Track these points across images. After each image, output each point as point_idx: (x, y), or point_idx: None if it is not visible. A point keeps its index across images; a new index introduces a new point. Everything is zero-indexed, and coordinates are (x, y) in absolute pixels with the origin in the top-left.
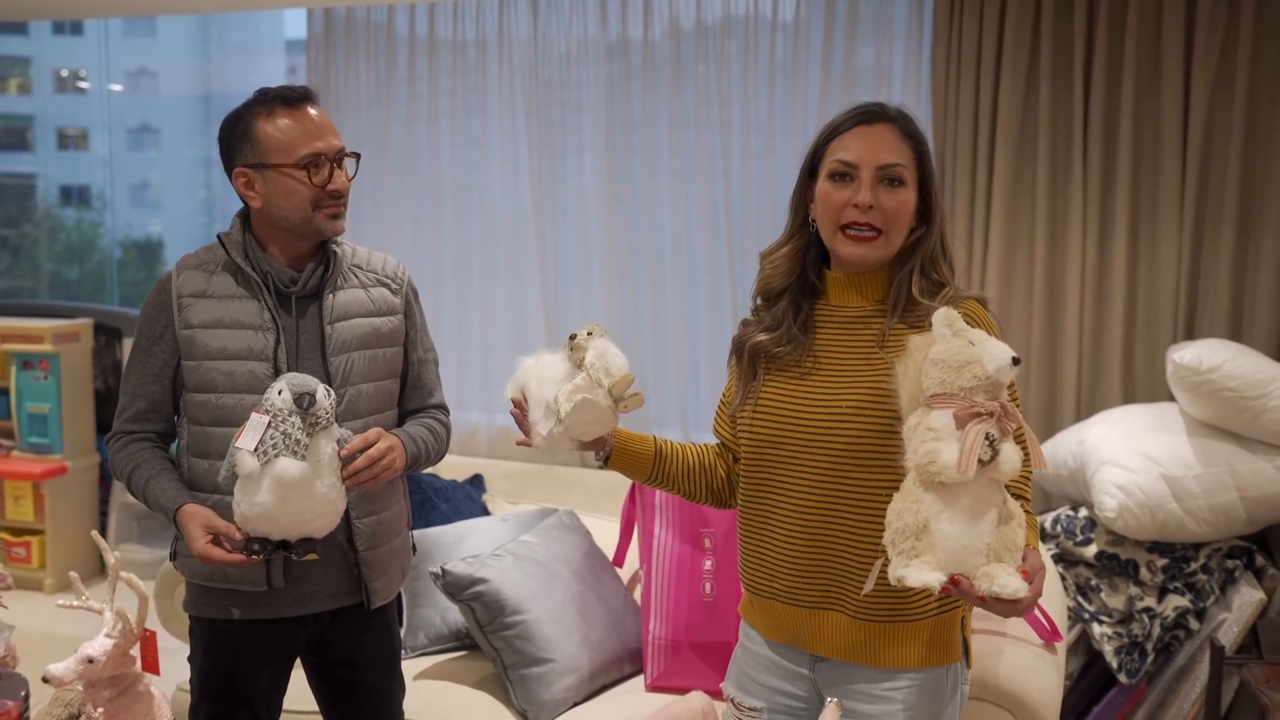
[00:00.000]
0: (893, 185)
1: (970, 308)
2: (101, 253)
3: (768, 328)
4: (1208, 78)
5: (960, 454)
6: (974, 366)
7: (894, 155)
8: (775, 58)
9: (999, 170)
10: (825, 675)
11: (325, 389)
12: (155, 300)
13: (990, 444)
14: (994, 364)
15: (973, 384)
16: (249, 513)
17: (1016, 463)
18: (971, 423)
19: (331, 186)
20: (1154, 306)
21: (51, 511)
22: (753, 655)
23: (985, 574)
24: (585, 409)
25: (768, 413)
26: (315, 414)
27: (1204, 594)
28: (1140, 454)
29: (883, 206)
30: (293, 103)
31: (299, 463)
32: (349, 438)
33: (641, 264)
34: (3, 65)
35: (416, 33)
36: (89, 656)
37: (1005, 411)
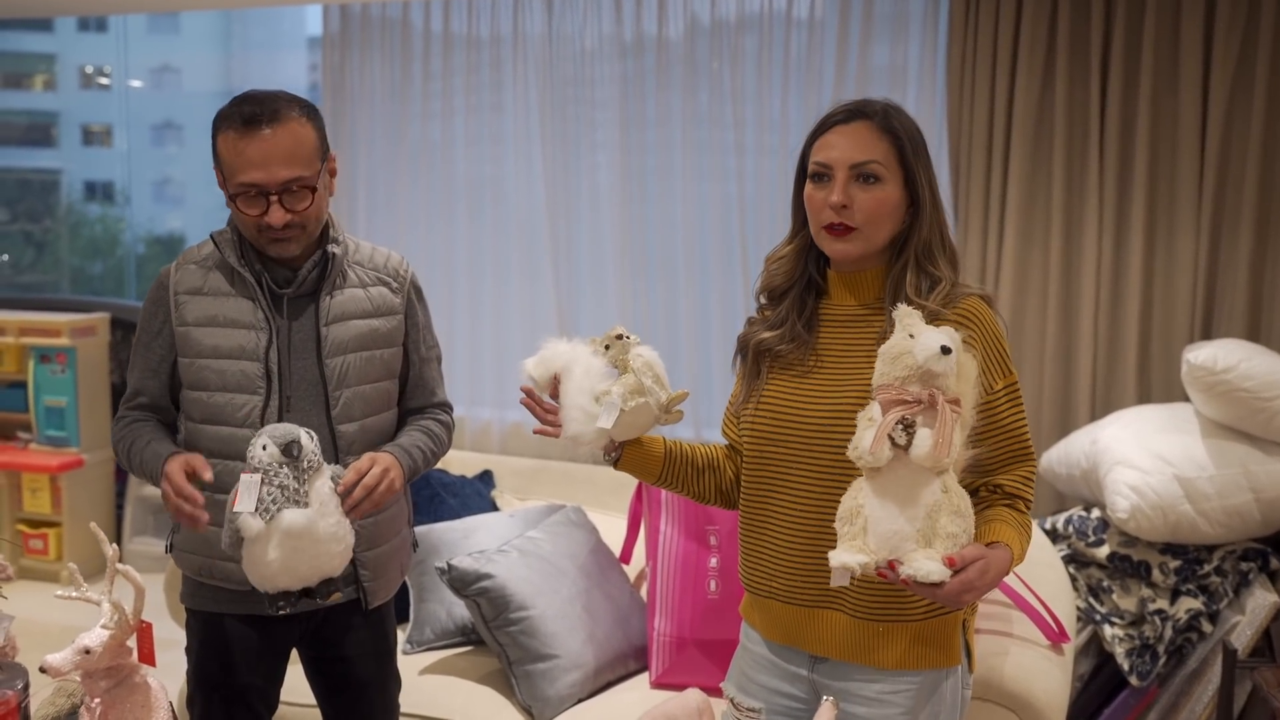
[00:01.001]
0: (867, 182)
1: (970, 306)
2: (124, 248)
3: (772, 325)
4: (1227, 77)
5: (873, 437)
6: (906, 357)
7: (867, 153)
8: (791, 55)
9: (1014, 168)
10: (824, 676)
11: (306, 433)
12: (155, 295)
13: (905, 429)
14: (924, 353)
15: (905, 373)
16: (267, 573)
17: (930, 449)
18: (892, 409)
19: (266, 220)
20: (1170, 306)
21: (68, 504)
22: (752, 656)
23: (907, 558)
24: (641, 412)
25: (769, 411)
26: (304, 460)
27: (1217, 596)
28: (1154, 455)
29: (857, 205)
30: (249, 124)
31: (303, 510)
32: (340, 473)
33: (655, 261)
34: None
35: (432, 29)
36: (86, 647)
37: (933, 400)
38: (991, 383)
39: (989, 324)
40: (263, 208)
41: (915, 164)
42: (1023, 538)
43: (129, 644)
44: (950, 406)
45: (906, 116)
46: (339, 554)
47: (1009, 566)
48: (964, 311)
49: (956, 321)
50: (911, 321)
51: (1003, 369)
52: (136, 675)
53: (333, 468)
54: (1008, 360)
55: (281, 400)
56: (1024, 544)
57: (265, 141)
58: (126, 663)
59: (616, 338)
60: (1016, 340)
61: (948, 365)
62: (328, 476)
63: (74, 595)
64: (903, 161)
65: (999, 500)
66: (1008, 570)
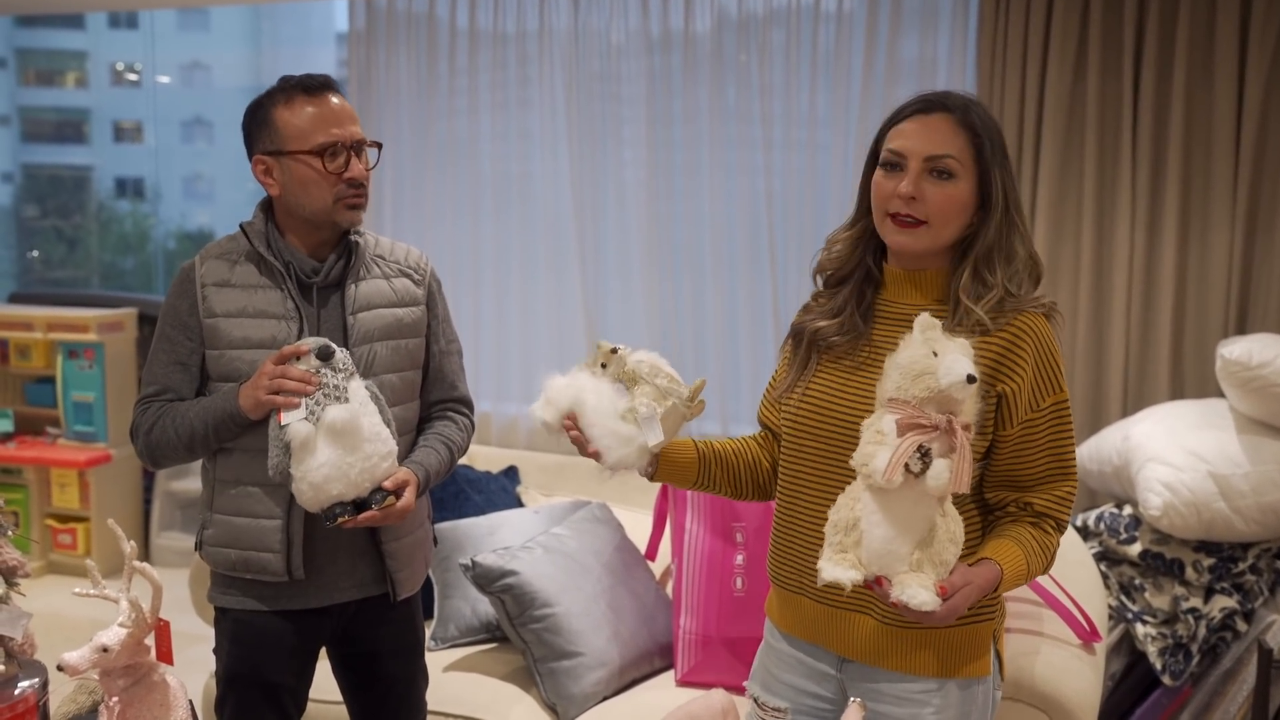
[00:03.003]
0: (940, 177)
1: (1024, 323)
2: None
3: (829, 314)
4: (1262, 69)
5: (890, 461)
6: (928, 378)
7: (944, 147)
8: (819, 49)
9: (1045, 162)
10: (852, 676)
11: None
12: (179, 289)
13: (922, 457)
14: (948, 378)
15: (925, 395)
16: (317, 479)
17: (946, 480)
18: (910, 433)
19: (348, 174)
20: (1204, 300)
21: (96, 499)
22: (777, 654)
23: (900, 581)
24: (671, 416)
25: (814, 402)
26: (338, 363)
27: (1252, 595)
28: (1187, 451)
29: (927, 198)
30: (312, 90)
31: (346, 405)
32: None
33: (682, 257)
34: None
35: (458, 25)
36: (103, 645)
37: (951, 428)
38: (1039, 399)
39: (1043, 339)
40: (342, 164)
41: (992, 163)
42: (1032, 559)
43: (147, 642)
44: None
45: (988, 114)
46: (386, 455)
47: (994, 585)
48: (1017, 328)
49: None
50: (934, 336)
51: (1052, 386)
52: (155, 674)
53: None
54: (1059, 377)
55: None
56: (1033, 565)
57: (335, 104)
58: (145, 661)
59: (611, 352)
60: None
61: (969, 394)
62: (361, 385)
63: (92, 593)
64: (979, 160)
65: (1025, 518)
66: (993, 588)
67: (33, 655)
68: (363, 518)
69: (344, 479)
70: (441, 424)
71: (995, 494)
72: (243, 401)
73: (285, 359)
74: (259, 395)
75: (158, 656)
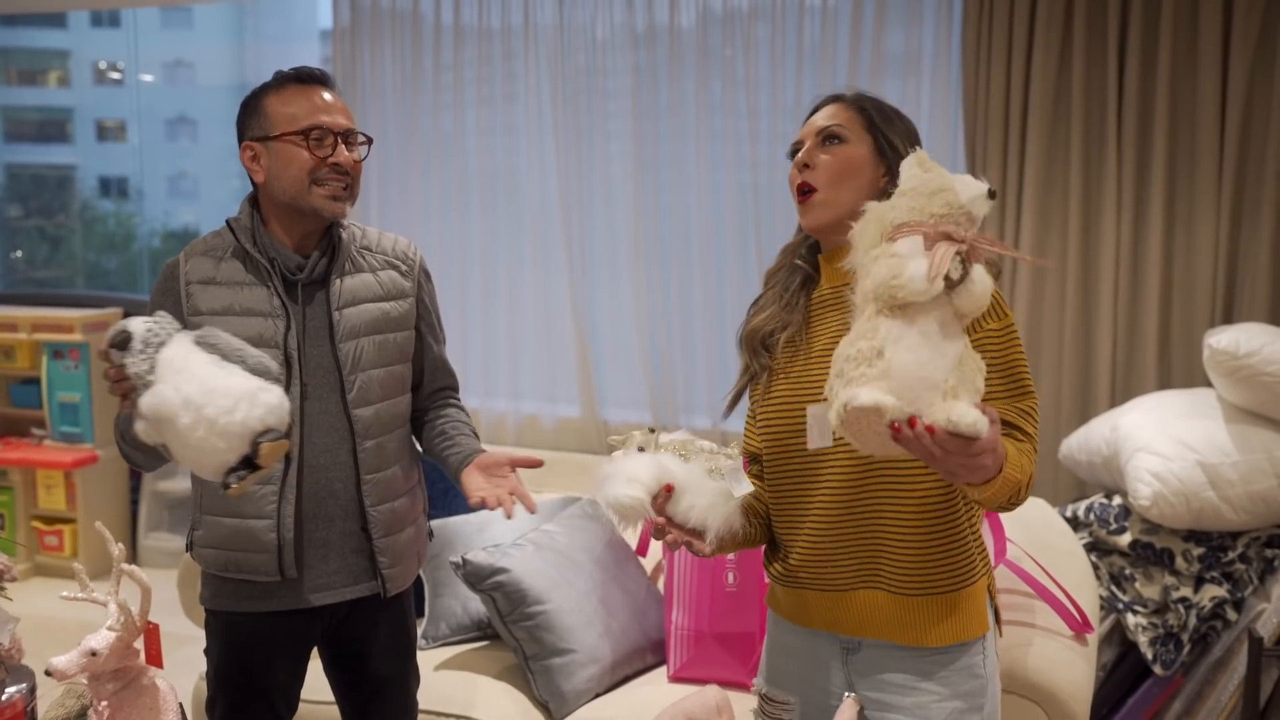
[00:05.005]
0: (830, 143)
1: None
2: (139, 243)
3: (761, 308)
4: (1246, 58)
5: (930, 265)
6: (947, 194)
7: (830, 120)
8: (804, 42)
9: (1031, 152)
10: (859, 669)
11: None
12: (163, 287)
13: (962, 261)
14: (968, 192)
15: (944, 210)
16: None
17: (989, 285)
18: (941, 242)
19: (333, 159)
20: (1190, 290)
21: (83, 500)
22: (783, 646)
23: (942, 407)
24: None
25: (779, 408)
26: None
27: (1242, 584)
28: (1176, 441)
29: (819, 165)
30: (305, 81)
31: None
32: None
33: (669, 251)
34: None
35: (443, 21)
36: (92, 649)
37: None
38: (983, 323)
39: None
40: (331, 148)
41: (886, 130)
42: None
43: (136, 645)
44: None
45: (885, 102)
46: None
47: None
48: None
49: None
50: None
51: (995, 313)
52: (144, 677)
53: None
54: (1001, 304)
55: (300, 387)
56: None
57: (326, 96)
58: (134, 664)
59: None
60: (1035, 326)
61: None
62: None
63: (80, 597)
64: (870, 128)
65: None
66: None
67: (20, 660)
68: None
69: (206, 451)
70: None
71: None
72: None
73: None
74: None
75: (147, 660)
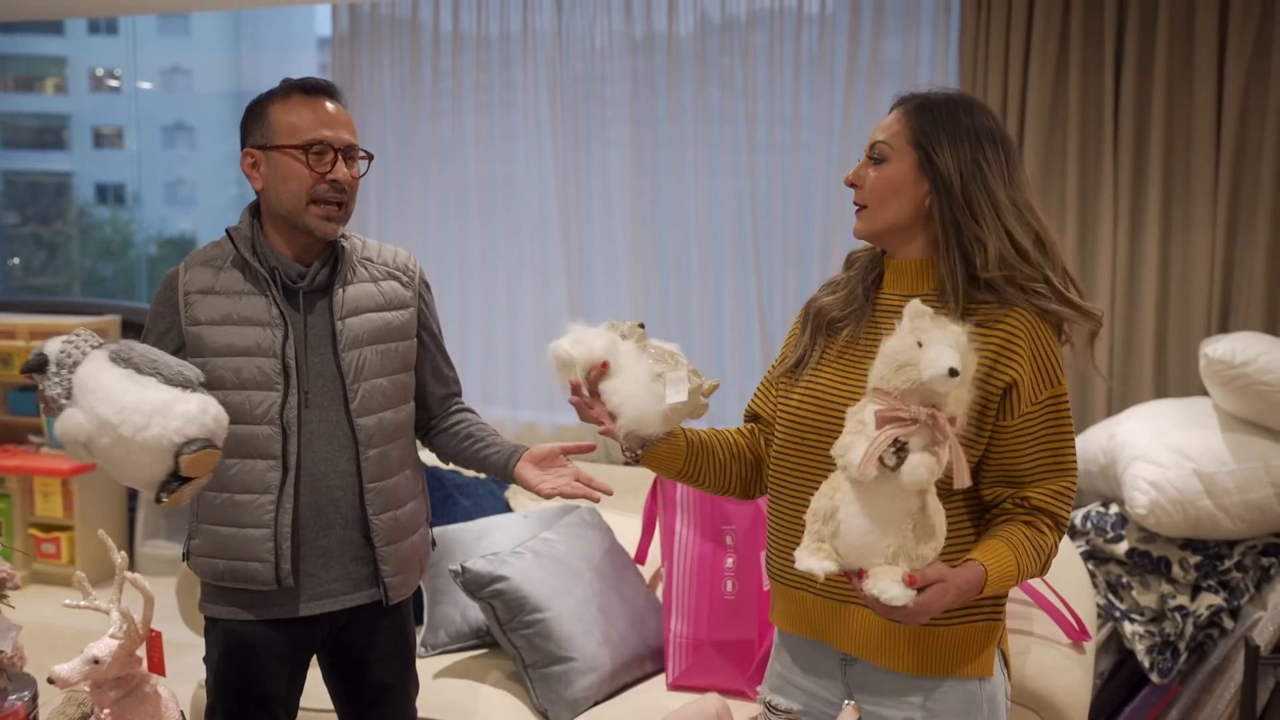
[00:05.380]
0: (874, 162)
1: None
2: (135, 250)
3: (832, 289)
4: (1242, 67)
5: (863, 454)
6: (910, 370)
7: (881, 134)
8: (802, 50)
9: (1028, 161)
10: (857, 681)
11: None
12: (162, 296)
13: (897, 451)
14: (929, 371)
15: (906, 386)
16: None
17: (921, 475)
18: (888, 426)
19: (331, 175)
20: (1187, 299)
21: (80, 508)
22: (786, 656)
23: (874, 574)
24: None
25: (814, 394)
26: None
27: (1238, 592)
28: (1173, 449)
29: (864, 182)
30: (311, 92)
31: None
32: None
33: (667, 258)
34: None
35: (441, 28)
36: (94, 657)
37: (935, 422)
38: (1037, 392)
39: (1039, 333)
40: (330, 164)
41: (930, 147)
42: (1022, 559)
43: (138, 653)
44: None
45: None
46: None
47: (977, 586)
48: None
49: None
50: (923, 325)
51: (1050, 379)
52: (146, 685)
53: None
54: (1058, 372)
55: (300, 395)
56: (1024, 565)
57: (330, 108)
58: (136, 672)
59: (639, 326)
60: None
61: (952, 387)
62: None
63: (82, 604)
64: (915, 143)
65: (1020, 515)
66: (976, 590)
67: (22, 667)
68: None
69: (131, 467)
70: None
71: (990, 490)
72: None
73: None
74: None
75: (149, 667)
